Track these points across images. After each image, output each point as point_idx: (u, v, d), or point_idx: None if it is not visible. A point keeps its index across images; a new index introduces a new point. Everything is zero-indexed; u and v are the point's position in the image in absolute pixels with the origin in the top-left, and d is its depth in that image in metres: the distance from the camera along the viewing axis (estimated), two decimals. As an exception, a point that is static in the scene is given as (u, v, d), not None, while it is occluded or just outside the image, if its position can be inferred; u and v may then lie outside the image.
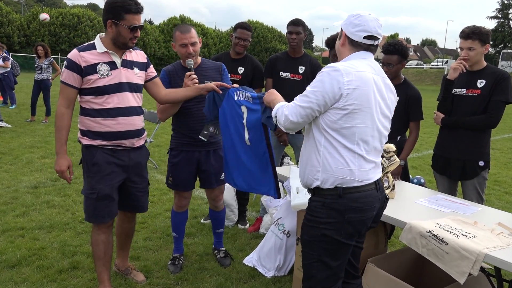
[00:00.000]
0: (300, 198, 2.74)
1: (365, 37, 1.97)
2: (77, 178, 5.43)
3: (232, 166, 2.80)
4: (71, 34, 38.74)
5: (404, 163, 3.44)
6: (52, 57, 9.93)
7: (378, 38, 2.01)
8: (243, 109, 2.62)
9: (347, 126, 1.88)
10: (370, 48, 2.02)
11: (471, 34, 3.09)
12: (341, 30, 2.06)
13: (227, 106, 2.73)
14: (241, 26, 3.84)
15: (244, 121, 2.61)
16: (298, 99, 1.96)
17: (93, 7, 72.62)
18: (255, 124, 2.55)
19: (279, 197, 2.63)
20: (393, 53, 3.31)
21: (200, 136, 2.90)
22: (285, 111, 2.00)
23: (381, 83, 1.98)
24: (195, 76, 2.86)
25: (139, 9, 2.48)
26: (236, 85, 2.78)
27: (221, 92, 2.77)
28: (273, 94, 2.27)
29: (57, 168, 2.57)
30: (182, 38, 2.88)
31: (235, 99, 2.68)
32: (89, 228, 3.90)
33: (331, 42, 3.87)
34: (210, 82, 2.88)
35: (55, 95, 14.45)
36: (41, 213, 4.23)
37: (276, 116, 2.07)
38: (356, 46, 2.00)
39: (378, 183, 2.01)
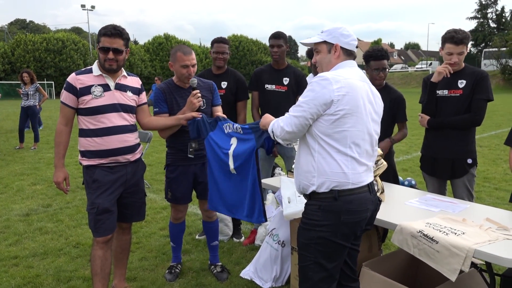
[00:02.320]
0: (292, 207, 2.77)
1: (356, 46, 2.13)
2: (69, 202, 5.41)
3: (213, 192, 2.95)
4: (56, 59, 38.72)
5: (394, 141, 3.48)
6: (38, 83, 9.92)
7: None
8: (233, 140, 2.77)
9: (338, 130, 1.97)
10: (355, 56, 2.17)
11: (464, 40, 3.13)
12: (326, 44, 2.14)
13: (217, 139, 2.87)
14: (217, 40, 3.92)
15: (230, 151, 2.74)
16: (291, 110, 2.07)
17: (77, 30, 72.74)
18: (244, 153, 2.67)
19: (266, 220, 2.72)
20: (384, 57, 3.43)
21: (189, 155, 3.10)
22: (280, 123, 2.11)
23: (368, 89, 2.09)
24: (199, 95, 3.01)
25: (111, 32, 2.64)
26: (221, 114, 2.96)
27: (200, 116, 2.94)
28: (268, 118, 2.38)
29: (55, 179, 2.77)
30: (185, 60, 3.01)
31: (225, 132, 2.83)
32: (83, 252, 3.88)
33: (311, 52, 3.94)
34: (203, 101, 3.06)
35: (46, 118, 14.42)
36: (34, 240, 4.19)
37: (273, 131, 2.17)
38: (349, 55, 2.14)
39: (370, 186, 2.09)
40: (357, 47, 2.15)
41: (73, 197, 5.62)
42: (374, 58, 3.41)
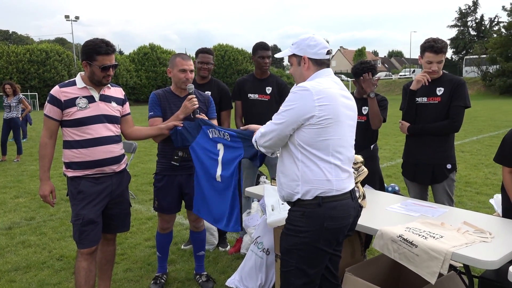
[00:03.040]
0: (276, 215, 2.79)
1: (326, 53, 2.14)
2: (52, 215, 5.34)
3: (198, 198, 2.98)
4: (40, 70, 38.22)
5: (373, 95, 3.46)
6: (22, 95, 9.81)
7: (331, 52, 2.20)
8: (219, 146, 2.79)
9: (321, 139, 2.00)
10: (328, 64, 2.19)
11: (443, 48, 3.21)
12: (295, 56, 2.18)
13: (202, 143, 2.90)
14: (201, 51, 3.95)
15: (220, 158, 2.76)
16: (273, 118, 2.10)
17: (61, 41, 72.07)
18: (230, 161, 2.70)
19: (242, 229, 2.75)
20: (374, 74, 3.48)
21: (172, 162, 3.10)
22: (262, 131, 2.14)
23: (346, 96, 2.12)
24: (195, 100, 3.04)
25: (109, 50, 2.67)
26: (202, 116, 2.99)
27: (182, 125, 2.98)
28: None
29: (41, 193, 2.75)
30: (183, 64, 3.09)
31: (210, 137, 2.85)
32: (67, 265, 3.83)
33: None
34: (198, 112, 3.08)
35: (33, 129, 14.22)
36: (16, 254, 4.13)
37: (256, 141, 2.20)
38: (320, 64, 2.15)
39: (352, 193, 2.13)
40: (329, 53, 2.15)
41: (57, 210, 5.55)
42: (373, 74, 3.45)
